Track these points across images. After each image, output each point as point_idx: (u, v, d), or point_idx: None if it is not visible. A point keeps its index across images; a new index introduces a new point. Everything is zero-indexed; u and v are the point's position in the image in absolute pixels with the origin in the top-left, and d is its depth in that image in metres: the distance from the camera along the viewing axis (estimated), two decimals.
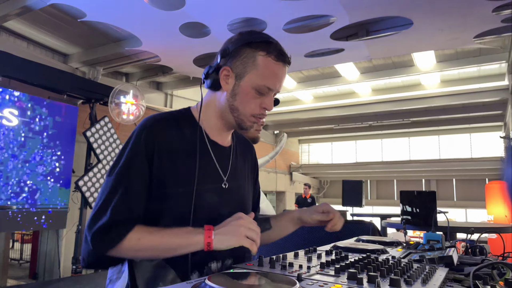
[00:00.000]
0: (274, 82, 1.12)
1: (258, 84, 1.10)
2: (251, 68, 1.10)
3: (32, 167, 5.44)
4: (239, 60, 1.11)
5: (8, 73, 5.27)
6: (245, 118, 1.14)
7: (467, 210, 14.35)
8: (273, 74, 1.11)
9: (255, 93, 1.11)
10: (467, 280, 0.97)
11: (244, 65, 1.10)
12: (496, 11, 4.83)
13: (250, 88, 1.11)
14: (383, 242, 1.55)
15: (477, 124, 12.09)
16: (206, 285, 0.74)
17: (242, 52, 1.11)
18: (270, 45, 1.11)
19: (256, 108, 1.13)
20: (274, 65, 1.11)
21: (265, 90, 1.11)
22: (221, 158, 1.19)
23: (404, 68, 8.02)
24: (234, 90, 1.12)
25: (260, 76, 1.10)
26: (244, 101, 1.12)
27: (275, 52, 1.10)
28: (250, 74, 1.10)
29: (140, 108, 6.69)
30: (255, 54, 1.10)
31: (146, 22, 5.35)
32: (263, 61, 1.10)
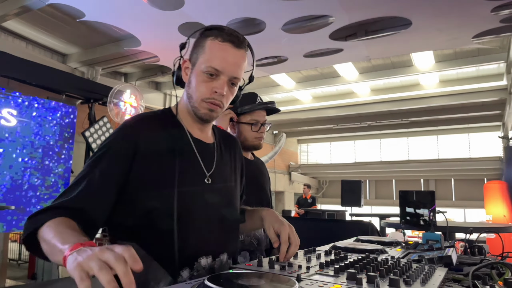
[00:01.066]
0: (220, 62, 1.09)
1: (206, 65, 1.10)
2: (201, 53, 1.12)
3: (30, 167, 5.43)
4: (194, 50, 1.14)
5: (7, 73, 5.26)
6: (197, 104, 1.13)
7: (466, 210, 14.37)
8: (219, 55, 1.10)
9: (206, 77, 1.10)
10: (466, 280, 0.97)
11: (196, 53, 1.13)
12: (494, 11, 4.84)
13: (200, 73, 1.11)
14: (382, 242, 1.56)
15: (475, 124, 12.11)
16: (205, 285, 0.74)
17: (197, 42, 1.14)
18: (221, 30, 1.12)
19: (206, 91, 1.11)
20: (220, 45, 1.10)
21: (212, 71, 1.10)
22: (204, 154, 1.18)
23: (403, 68, 8.03)
24: (190, 78, 1.14)
25: (207, 59, 1.10)
26: (196, 86, 1.12)
27: (224, 35, 1.11)
28: (200, 59, 1.11)
29: (139, 108, 6.68)
30: (205, 40, 1.12)
31: (145, 22, 5.35)
32: (210, 44, 1.11)
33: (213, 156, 1.21)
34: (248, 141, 1.95)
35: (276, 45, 6.12)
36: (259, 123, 1.95)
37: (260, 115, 1.97)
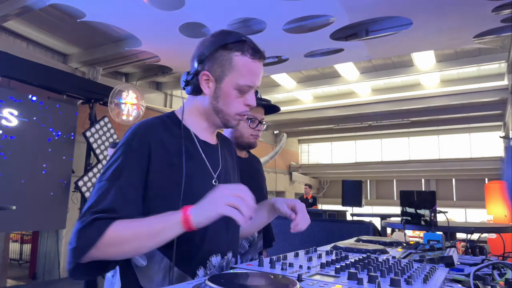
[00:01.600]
0: (253, 79, 1.14)
1: (238, 84, 1.12)
2: (229, 70, 1.12)
3: (31, 167, 5.43)
4: (217, 63, 1.12)
5: (8, 73, 5.27)
6: (230, 117, 1.17)
7: (467, 210, 14.35)
8: (251, 72, 1.13)
9: (237, 93, 1.14)
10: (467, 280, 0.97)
11: (222, 68, 1.12)
12: (495, 11, 4.83)
13: (232, 89, 1.13)
14: (383, 242, 1.56)
15: (476, 124, 12.09)
16: (206, 285, 0.74)
17: (218, 55, 1.12)
18: (244, 44, 1.13)
19: (240, 106, 1.15)
20: (251, 63, 1.12)
21: (246, 88, 1.14)
22: (211, 156, 1.21)
23: (404, 68, 8.02)
24: (216, 93, 1.14)
25: (239, 76, 1.12)
26: (227, 102, 1.14)
27: (250, 50, 1.12)
28: (229, 76, 1.12)
29: (140, 108, 6.69)
30: (231, 56, 1.11)
31: (146, 22, 5.35)
32: (239, 61, 1.11)
33: (218, 157, 1.24)
34: (244, 138, 1.88)
35: (277, 45, 6.11)
36: (256, 120, 1.89)
37: (258, 112, 1.90)
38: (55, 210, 5.74)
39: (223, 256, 1.15)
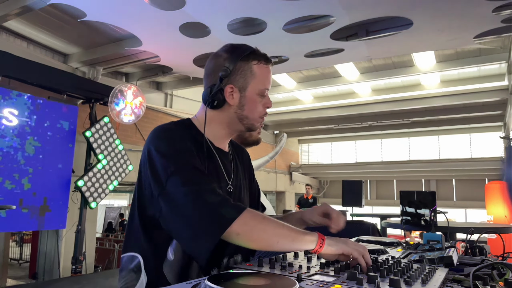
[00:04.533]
0: (269, 82, 1.26)
1: (260, 89, 1.23)
2: (250, 78, 1.21)
3: (32, 167, 5.44)
4: (238, 75, 1.21)
5: (8, 73, 5.26)
6: (254, 121, 1.26)
7: (467, 210, 14.35)
8: (267, 76, 1.26)
9: (259, 98, 1.24)
10: (467, 281, 0.97)
11: (244, 78, 1.21)
12: (496, 11, 4.83)
13: (256, 95, 1.23)
14: (383, 242, 1.56)
15: (477, 124, 12.09)
16: (206, 285, 0.74)
17: (238, 67, 1.21)
18: (256, 53, 1.24)
19: (262, 110, 1.26)
20: (266, 68, 1.25)
21: (265, 92, 1.25)
22: (225, 163, 1.27)
23: (404, 68, 8.02)
24: (241, 102, 1.22)
25: (259, 82, 1.22)
26: (253, 108, 1.24)
27: (263, 58, 1.24)
28: (251, 84, 1.22)
29: (140, 108, 6.68)
30: (250, 65, 1.22)
31: (146, 22, 5.35)
32: (258, 68, 1.22)
33: (231, 164, 1.31)
34: (252, 137, 1.92)
35: (277, 45, 6.12)
36: None
37: None
38: (55, 210, 5.73)
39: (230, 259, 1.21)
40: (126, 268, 1.16)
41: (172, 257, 1.11)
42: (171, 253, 1.12)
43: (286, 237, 1.03)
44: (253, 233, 1.02)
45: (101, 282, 5.81)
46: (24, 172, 5.35)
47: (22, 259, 8.88)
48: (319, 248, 1.02)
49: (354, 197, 8.02)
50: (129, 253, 1.16)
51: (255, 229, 1.03)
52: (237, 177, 1.32)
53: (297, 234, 1.04)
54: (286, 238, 1.03)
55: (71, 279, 5.83)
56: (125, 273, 1.16)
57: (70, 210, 5.98)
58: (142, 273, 1.12)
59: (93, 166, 6.11)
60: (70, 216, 6.03)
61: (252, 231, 1.02)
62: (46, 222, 5.62)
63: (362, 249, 1.03)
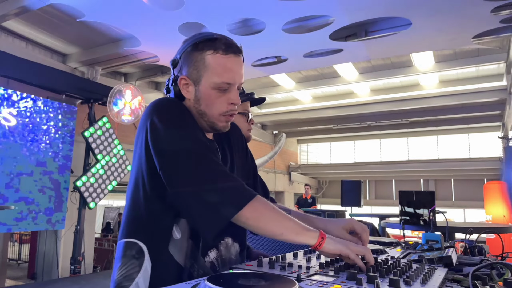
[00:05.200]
0: (230, 76, 1.11)
1: (215, 82, 1.10)
2: (204, 70, 1.10)
3: (31, 167, 5.43)
4: (192, 66, 1.12)
5: (7, 73, 5.26)
6: (215, 119, 1.15)
7: (466, 210, 14.36)
8: (227, 69, 1.10)
9: (217, 92, 1.12)
10: (466, 280, 0.97)
11: (197, 70, 1.11)
12: (494, 11, 4.84)
13: (210, 89, 1.11)
14: (382, 242, 1.56)
15: (475, 124, 12.10)
16: (206, 285, 0.74)
17: (192, 57, 1.11)
18: (215, 41, 1.10)
19: (222, 106, 1.13)
20: (224, 59, 1.10)
21: (225, 86, 1.11)
22: None
23: (403, 69, 8.02)
24: (196, 96, 1.13)
25: (214, 75, 1.10)
26: (209, 103, 1.13)
27: (222, 46, 1.10)
28: (205, 77, 1.11)
29: (139, 108, 6.68)
30: (203, 56, 1.10)
31: (145, 22, 5.34)
32: (212, 59, 1.10)
33: (217, 152, 1.23)
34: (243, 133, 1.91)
35: (276, 45, 6.12)
36: (250, 114, 1.90)
37: (248, 106, 1.91)
38: (53, 210, 5.73)
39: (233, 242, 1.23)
40: (126, 255, 1.10)
41: (178, 235, 1.09)
42: (177, 232, 1.09)
43: (290, 230, 1.04)
44: (261, 220, 1.04)
45: (100, 282, 5.81)
46: (23, 172, 5.34)
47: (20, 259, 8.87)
48: (319, 246, 1.03)
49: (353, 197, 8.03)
50: (128, 239, 1.11)
51: (263, 217, 1.04)
52: (226, 164, 1.25)
53: (301, 229, 1.04)
54: (290, 231, 1.04)
55: (70, 279, 5.83)
56: (125, 261, 1.10)
57: (69, 210, 5.98)
58: (146, 259, 1.08)
59: (92, 166, 6.10)
60: (69, 216, 6.03)
61: (260, 218, 1.04)
62: (45, 222, 5.62)
63: (363, 250, 1.02)
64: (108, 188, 6.28)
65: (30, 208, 5.41)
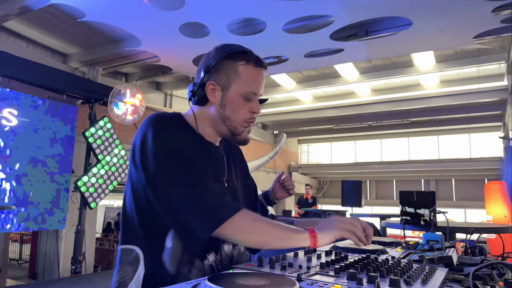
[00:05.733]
0: (257, 86, 1.20)
1: (244, 91, 1.18)
2: (234, 78, 1.18)
3: (31, 167, 5.44)
4: (222, 73, 1.18)
5: (8, 73, 5.27)
6: (237, 124, 1.22)
7: (466, 210, 14.35)
8: (255, 80, 1.20)
9: (243, 100, 1.19)
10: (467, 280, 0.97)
11: (227, 77, 1.18)
12: (495, 11, 4.83)
13: (238, 97, 1.19)
14: (382, 242, 1.56)
15: (476, 124, 12.09)
16: (206, 285, 0.74)
17: (223, 65, 1.18)
18: (247, 54, 1.20)
19: (246, 114, 1.21)
20: (254, 71, 1.20)
21: (251, 95, 1.20)
22: (218, 159, 1.27)
23: (404, 69, 8.02)
24: (222, 101, 1.19)
25: (244, 84, 1.18)
26: (234, 109, 1.20)
27: (253, 60, 1.19)
28: (235, 84, 1.18)
29: (139, 108, 6.69)
30: (236, 65, 1.18)
31: (146, 22, 5.35)
32: (244, 69, 1.18)
33: (223, 160, 1.30)
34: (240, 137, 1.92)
35: (277, 45, 6.12)
36: None
37: None
38: (54, 210, 5.74)
39: (235, 246, 1.22)
40: (122, 262, 1.14)
41: (170, 244, 1.11)
42: (169, 241, 1.11)
43: (276, 237, 1.05)
44: (243, 235, 1.06)
45: (101, 282, 5.82)
46: (24, 172, 5.34)
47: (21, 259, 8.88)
48: (314, 245, 1.05)
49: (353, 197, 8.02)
50: (125, 246, 1.15)
51: (244, 231, 1.05)
52: (231, 173, 1.31)
53: (287, 233, 1.06)
54: (276, 237, 1.05)
55: (71, 279, 5.84)
56: (122, 267, 1.14)
57: (69, 210, 5.99)
58: (140, 265, 1.10)
59: (93, 166, 6.11)
60: (69, 216, 6.03)
61: (242, 233, 1.05)
62: (45, 222, 5.62)
63: (352, 225, 1.06)
64: (109, 188, 6.29)
65: (31, 208, 5.41)
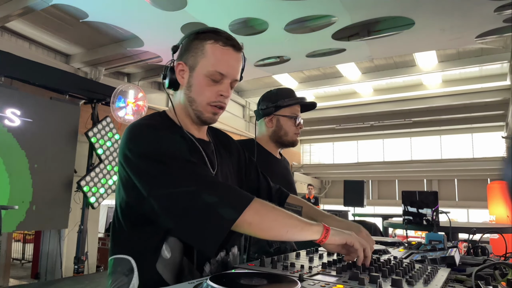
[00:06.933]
0: (225, 67, 1.12)
1: (209, 70, 1.12)
2: (201, 57, 1.13)
3: (33, 167, 5.45)
4: (191, 53, 1.15)
5: (10, 73, 5.28)
6: (202, 108, 1.15)
7: (469, 210, 14.31)
8: (223, 59, 1.13)
9: (209, 81, 1.13)
10: (469, 281, 0.97)
11: (195, 56, 1.14)
12: (498, 11, 4.82)
13: (203, 77, 1.13)
14: (385, 242, 1.56)
15: (479, 124, 12.07)
16: (208, 285, 0.74)
17: (193, 45, 1.15)
18: (217, 33, 1.14)
19: (212, 95, 1.14)
20: (223, 49, 1.13)
21: (218, 76, 1.12)
22: (208, 154, 1.20)
23: (406, 68, 8.01)
24: (189, 82, 1.15)
25: (210, 63, 1.12)
26: (199, 90, 1.14)
27: (223, 39, 1.13)
28: (200, 63, 1.13)
29: (142, 108, 6.69)
30: (203, 44, 1.13)
31: (148, 23, 5.36)
32: (211, 48, 1.12)
33: (213, 154, 1.23)
34: (288, 136, 1.90)
35: (279, 45, 6.12)
36: (299, 118, 1.92)
37: (298, 110, 1.93)
38: (57, 210, 5.74)
39: (228, 252, 1.17)
40: (115, 272, 1.09)
41: (168, 255, 1.06)
42: (167, 251, 1.06)
43: (295, 227, 1.01)
44: (264, 222, 1.00)
45: (103, 282, 5.82)
46: (26, 172, 5.36)
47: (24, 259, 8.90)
48: (324, 238, 1.01)
49: (355, 197, 8.01)
50: (117, 256, 1.10)
51: (266, 219, 1.00)
52: (222, 166, 1.24)
53: (305, 224, 1.02)
54: (295, 227, 1.01)
55: (73, 279, 5.85)
56: (115, 277, 1.09)
57: (72, 210, 5.99)
58: (134, 276, 1.06)
59: (95, 166, 6.12)
60: (72, 216, 6.04)
61: (264, 220, 1.00)
62: (48, 222, 5.64)
63: (367, 242, 1.02)
64: (112, 188, 6.29)
65: (33, 208, 5.42)
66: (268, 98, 1.93)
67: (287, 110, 1.90)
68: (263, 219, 1.00)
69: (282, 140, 1.91)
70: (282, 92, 1.94)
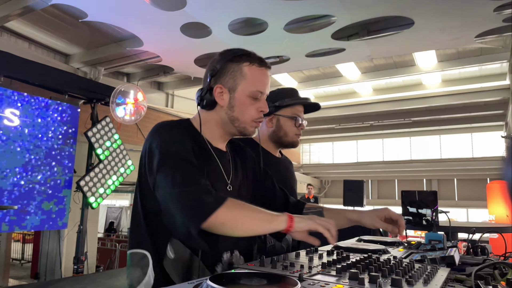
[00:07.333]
0: (262, 85, 1.25)
1: (251, 91, 1.22)
2: (240, 79, 1.22)
3: (33, 167, 5.45)
4: (228, 76, 1.23)
5: (10, 73, 5.27)
6: (246, 125, 1.25)
7: (469, 210, 14.32)
8: (260, 79, 1.24)
9: (250, 100, 1.23)
10: (469, 280, 0.97)
11: (234, 79, 1.22)
12: (497, 10, 4.82)
13: (245, 97, 1.23)
14: (384, 242, 1.56)
15: (478, 124, 12.08)
16: (208, 285, 0.74)
17: (229, 68, 1.23)
18: (250, 55, 1.25)
19: (255, 113, 1.25)
20: (259, 70, 1.24)
21: (258, 94, 1.24)
22: (223, 163, 1.28)
23: (405, 68, 8.01)
24: (230, 103, 1.23)
25: (250, 84, 1.22)
26: (242, 110, 1.23)
27: (257, 60, 1.24)
28: (241, 85, 1.22)
29: (141, 108, 6.69)
30: (240, 66, 1.22)
31: (147, 22, 5.36)
32: (249, 70, 1.23)
33: (229, 164, 1.31)
34: (288, 137, 1.89)
35: (278, 45, 6.11)
36: (300, 119, 1.90)
37: (300, 111, 1.92)
38: (56, 210, 5.74)
39: (232, 253, 1.23)
40: (132, 265, 1.17)
41: (172, 255, 1.13)
42: (171, 252, 1.13)
43: (264, 220, 1.07)
44: (237, 220, 1.06)
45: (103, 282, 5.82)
46: (26, 172, 5.36)
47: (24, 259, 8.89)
48: (290, 227, 1.05)
49: (355, 197, 8.00)
50: (134, 250, 1.18)
51: (238, 216, 1.06)
52: (237, 176, 1.32)
53: (272, 216, 1.07)
54: (264, 220, 1.07)
55: (73, 279, 5.84)
56: (132, 270, 1.17)
57: (71, 210, 5.99)
58: (150, 270, 1.14)
59: (95, 166, 6.11)
60: (71, 216, 6.04)
61: (236, 218, 1.05)
62: (48, 222, 5.63)
63: (327, 223, 1.08)
64: (111, 188, 6.29)
65: (33, 207, 5.42)
66: (269, 97, 1.91)
67: (287, 110, 1.89)
68: (235, 217, 1.05)
69: (282, 141, 1.90)
70: (283, 92, 1.94)
